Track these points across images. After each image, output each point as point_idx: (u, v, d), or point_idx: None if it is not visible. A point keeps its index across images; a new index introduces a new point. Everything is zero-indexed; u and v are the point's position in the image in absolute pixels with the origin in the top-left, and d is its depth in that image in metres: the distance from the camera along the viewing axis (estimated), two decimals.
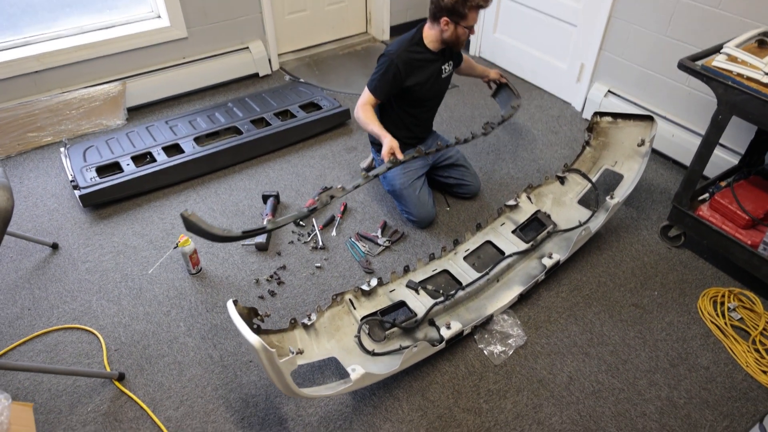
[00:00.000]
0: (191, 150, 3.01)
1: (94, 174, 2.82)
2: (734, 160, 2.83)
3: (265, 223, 2.02)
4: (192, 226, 1.85)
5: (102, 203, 2.81)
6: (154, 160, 2.95)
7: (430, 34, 2.53)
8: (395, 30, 4.51)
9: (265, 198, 2.83)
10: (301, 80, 3.86)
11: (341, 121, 3.43)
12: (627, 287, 2.47)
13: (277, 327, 2.23)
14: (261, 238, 2.58)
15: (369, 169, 3.06)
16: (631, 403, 2.02)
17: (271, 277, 2.46)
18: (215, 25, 3.65)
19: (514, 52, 4.02)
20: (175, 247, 2.47)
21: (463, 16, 2.40)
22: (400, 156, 2.37)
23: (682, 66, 2.32)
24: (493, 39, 4.15)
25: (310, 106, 3.46)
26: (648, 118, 2.66)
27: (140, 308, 2.32)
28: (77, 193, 2.71)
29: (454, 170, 2.87)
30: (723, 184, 2.72)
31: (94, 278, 2.45)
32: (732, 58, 2.21)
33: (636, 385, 2.09)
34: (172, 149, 3.06)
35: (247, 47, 3.81)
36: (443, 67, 2.65)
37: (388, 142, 2.41)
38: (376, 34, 4.54)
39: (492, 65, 4.20)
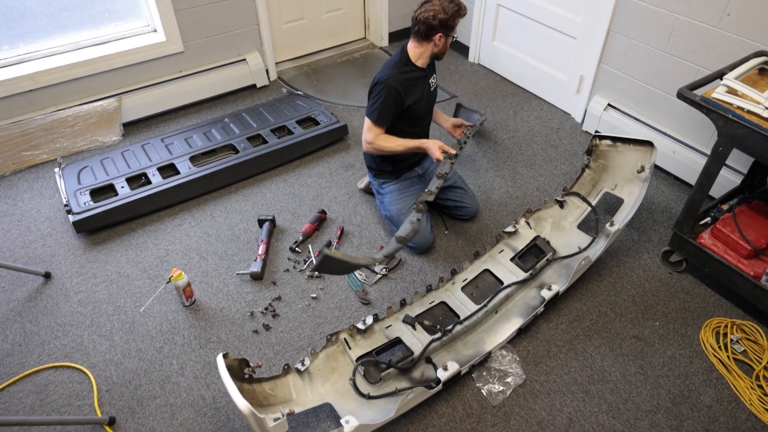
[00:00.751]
0: (187, 170, 2.84)
1: (88, 198, 2.65)
2: (737, 180, 2.66)
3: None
4: (330, 267, 1.86)
5: (96, 228, 2.65)
6: (149, 182, 2.78)
7: (417, 53, 2.40)
8: (394, 36, 4.30)
9: (260, 222, 2.67)
10: (299, 92, 3.67)
11: (339, 136, 3.25)
12: (628, 317, 2.32)
13: (271, 365, 2.11)
14: (256, 267, 2.44)
15: (367, 190, 2.91)
16: None
17: (266, 309, 2.31)
18: (212, 39, 3.46)
19: (513, 60, 3.82)
20: (167, 282, 2.32)
21: (453, 27, 2.37)
22: (451, 151, 2.40)
23: (682, 96, 2.16)
24: (492, 47, 3.94)
25: (308, 121, 3.28)
26: (647, 144, 2.49)
27: (132, 344, 2.18)
28: (71, 218, 2.56)
29: (452, 192, 2.71)
30: (725, 207, 2.55)
31: (87, 311, 2.31)
32: (732, 91, 2.06)
33: (637, 426, 1.95)
34: (168, 169, 2.89)
35: (244, 59, 3.62)
36: (431, 81, 2.53)
37: (433, 144, 2.41)
38: (375, 40, 4.33)
39: (491, 73, 4.01)
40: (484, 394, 2.04)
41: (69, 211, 2.60)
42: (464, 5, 2.36)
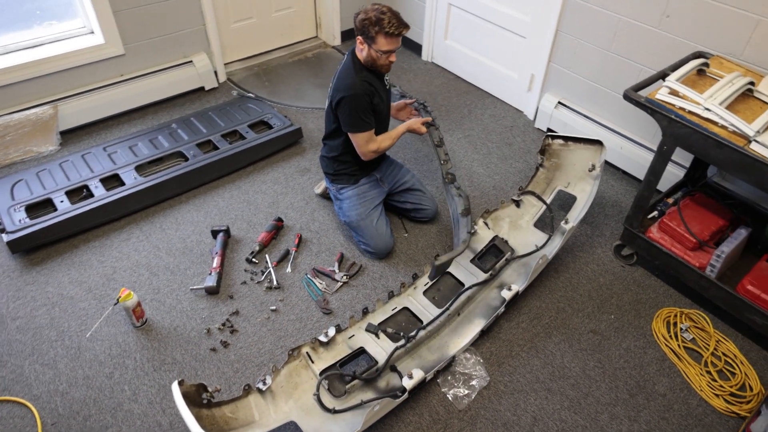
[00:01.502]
0: (132, 181, 2.68)
1: (24, 215, 2.45)
2: (680, 173, 2.73)
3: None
4: (442, 270, 2.25)
5: (34, 247, 2.46)
6: (92, 195, 2.60)
7: (359, 55, 2.33)
8: (347, 34, 4.20)
9: (214, 233, 2.55)
10: (250, 94, 3.53)
11: (293, 140, 3.15)
12: (585, 312, 2.35)
13: (231, 384, 2.01)
14: (211, 281, 2.32)
15: (324, 194, 2.82)
16: None
17: (224, 325, 2.20)
18: (155, 40, 3.27)
19: (466, 59, 3.80)
20: (115, 304, 2.16)
21: (372, 39, 2.23)
22: (427, 119, 2.59)
23: (627, 97, 2.21)
24: (445, 45, 3.91)
25: (260, 125, 3.16)
26: (597, 143, 2.52)
27: (79, 371, 2.03)
28: (5, 237, 2.36)
29: (411, 195, 2.66)
30: (670, 201, 2.62)
31: (27, 338, 2.13)
32: (674, 92, 2.11)
33: (598, 420, 1.97)
34: (112, 180, 2.72)
35: (191, 61, 3.44)
36: (385, 79, 2.47)
37: (413, 122, 2.56)
38: (327, 39, 4.21)
39: (445, 71, 3.98)
40: (450, 398, 2.01)
41: (2, 230, 2.40)
42: (391, 22, 2.19)
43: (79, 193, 2.64)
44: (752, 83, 2.14)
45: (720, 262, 2.23)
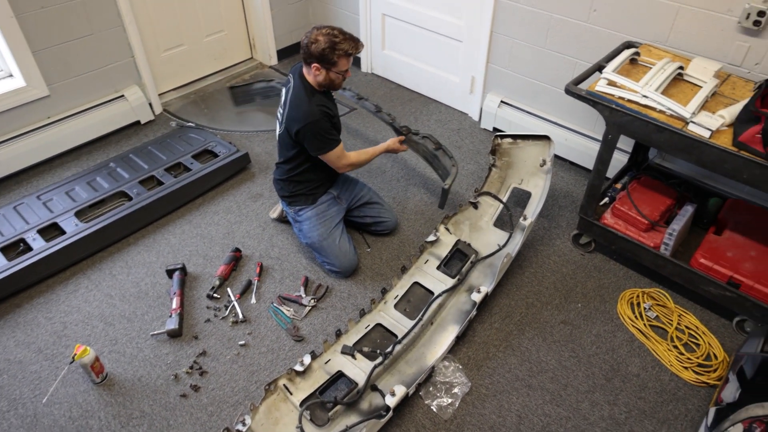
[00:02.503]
0: (74, 228, 2.52)
1: None
2: (624, 158, 2.84)
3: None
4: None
5: None
6: (30, 248, 2.43)
7: (309, 78, 2.31)
8: (283, 53, 4.15)
9: (169, 273, 2.44)
10: (190, 123, 3.42)
11: (241, 166, 3.06)
12: (553, 304, 2.39)
13: (207, 430, 1.91)
14: (172, 324, 2.21)
15: (280, 218, 2.76)
16: (580, 431, 1.94)
17: (191, 368, 2.10)
18: (82, 77, 3.11)
19: (406, 67, 3.83)
20: (71, 362, 2.02)
21: (333, 63, 2.23)
22: (401, 138, 2.72)
23: (569, 92, 2.28)
24: (383, 56, 3.93)
25: (205, 154, 3.06)
26: (545, 138, 2.58)
27: None
28: None
29: (369, 208, 2.64)
30: (619, 186, 2.73)
31: None
32: (612, 83, 2.20)
33: (580, 409, 2.01)
34: (51, 230, 2.56)
35: (123, 95, 3.30)
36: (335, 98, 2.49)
37: (392, 142, 2.65)
38: (263, 59, 4.14)
39: (386, 81, 4.00)
40: (435, 410, 1.99)
41: None
42: (349, 43, 2.21)
43: (15, 248, 2.47)
44: (681, 67, 2.25)
45: (672, 239, 2.33)
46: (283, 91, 2.41)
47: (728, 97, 2.15)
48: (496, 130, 3.42)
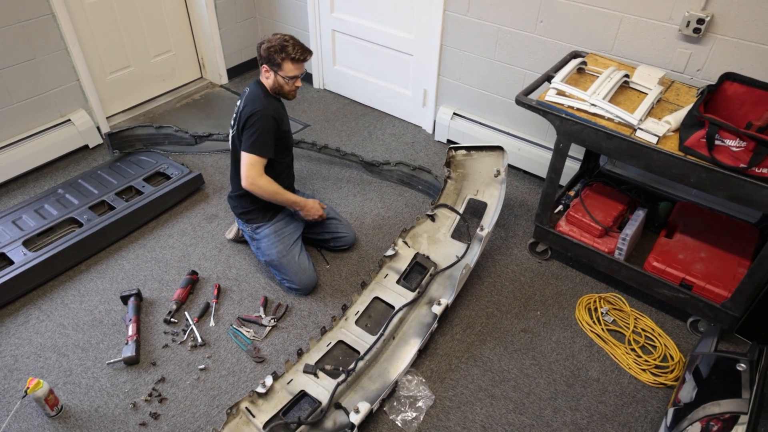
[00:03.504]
0: (22, 258, 2.50)
1: None
2: (576, 166, 3.00)
3: None
4: None
5: None
6: None
7: (264, 82, 2.44)
8: (233, 72, 4.20)
9: (124, 299, 2.44)
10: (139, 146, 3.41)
11: (195, 187, 3.09)
12: (513, 313, 2.50)
13: None
14: (129, 351, 2.22)
15: (236, 238, 2.79)
16: None
17: (150, 395, 2.12)
18: (24, 103, 3.09)
19: (358, 82, 3.93)
20: (23, 396, 2.00)
21: (278, 65, 2.36)
22: (323, 213, 2.63)
23: (520, 102, 2.40)
24: (335, 71, 4.02)
25: (157, 177, 3.08)
26: (498, 148, 2.71)
27: None
28: None
29: (327, 224, 2.71)
30: (572, 193, 2.87)
31: None
32: (561, 92, 2.33)
33: (543, 416, 2.11)
34: None
35: (69, 119, 3.29)
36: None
37: (313, 203, 2.58)
38: (213, 78, 4.19)
39: (339, 96, 4.09)
40: (399, 425, 2.06)
41: None
42: (296, 48, 2.34)
43: None
44: (627, 75, 2.40)
45: (626, 244, 2.47)
46: (240, 99, 2.48)
47: (673, 103, 2.30)
48: (450, 142, 3.55)
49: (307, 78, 4.23)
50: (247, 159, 2.36)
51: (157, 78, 3.91)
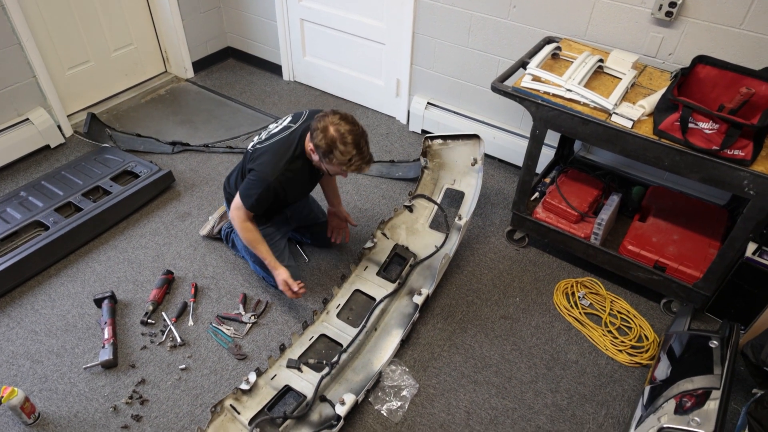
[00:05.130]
0: None
1: None
2: (551, 153, 3.12)
3: None
4: None
5: None
6: None
7: (307, 145, 2.28)
8: (199, 65, 4.23)
9: (98, 302, 2.48)
10: (104, 144, 3.42)
11: (165, 185, 3.13)
12: (492, 300, 2.63)
13: None
14: (106, 355, 2.26)
15: (210, 235, 2.84)
16: (526, 420, 2.17)
17: (131, 398, 2.17)
18: None
19: (329, 73, 4.00)
20: None
21: (329, 159, 2.17)
22: (295, 287, 2.35)
23: (495, 89, 2.49)
24: (305, 62, 4.08)
25: (125, 176, 3.11)
26: (474, 137, 2.81)
27: None
28: None
29: (315, 230, 2.79)
30: (548, 180, 3.00)
31: None
32: (536, 78, 2.42)
33: (524, 399, 2.24)
34: None
35: (27, 118, 3.27)
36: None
37: (280, 275, 2.38)
38: (178, 72, 4.20)
39: (309, 88, 4.16)
40: (385, 414, 2.16)
41: None
42: (355, 163, 2.15)
43: None
44: (601, 60, 2.51)
45: (601, 229, 2.60)
46: (285, 120, 2.41)
47: (646, 88, 2.42)
48: (424, 132, 3.66)
49: (276, 70, 4.28)
50: (237, 201, 2.35)
51: (119, 73, 3.91)
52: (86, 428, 2.09)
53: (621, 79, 2.44)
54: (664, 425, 1.87)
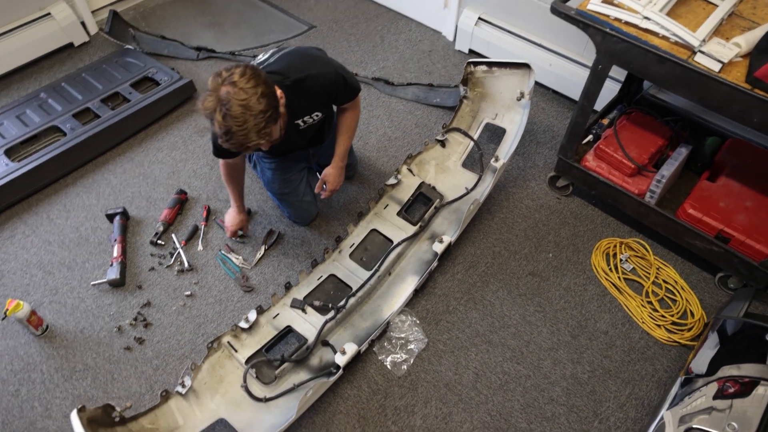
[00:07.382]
0: (4, 168, 2.59)
1: None
2: (615, 88, 2.83)
3: None
4: None
5: None
6: None
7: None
8: None
9: (110, 217, 2.54)
10: (127, 46, 3.35)
11: (186, 96, 3.07)
12: (522, 253, 2.52)
13: (152, 383, 2.10)
14: (113, 274, 2.34)
15: None
16: (539, 390, 2.12)
17: (135, 319, 2.26)
18: None
19: None
20: (2, 318, 2.16)
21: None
22: (227, 234, 2.46)
23: (555, 10, 2.19)
24: None
25: (145, 82, 3.06)
26: (524, 66, 2.57)
27: None
28: None
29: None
30: (605, 122, 2.76)
31: None
32: (608, 1, 2.08)
33: (541, 367, 2.18)
34: None
35: (49, 13, 3.21)
36: (298, 122, 2.17)
37: (230, 218, 2.45)
38: None
39: None
40: (388, 366, 2.17)
41: None
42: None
43: None
44: None
45: (660, 187, 2.37)
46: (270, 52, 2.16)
47: (748, 20, 2.03)
48: (472, 52, 3.40)
49: None
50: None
51: None
52: (91, 345, 2.20)
53: (716, 6, 2.04)
54: (694, 426, 1.74)
